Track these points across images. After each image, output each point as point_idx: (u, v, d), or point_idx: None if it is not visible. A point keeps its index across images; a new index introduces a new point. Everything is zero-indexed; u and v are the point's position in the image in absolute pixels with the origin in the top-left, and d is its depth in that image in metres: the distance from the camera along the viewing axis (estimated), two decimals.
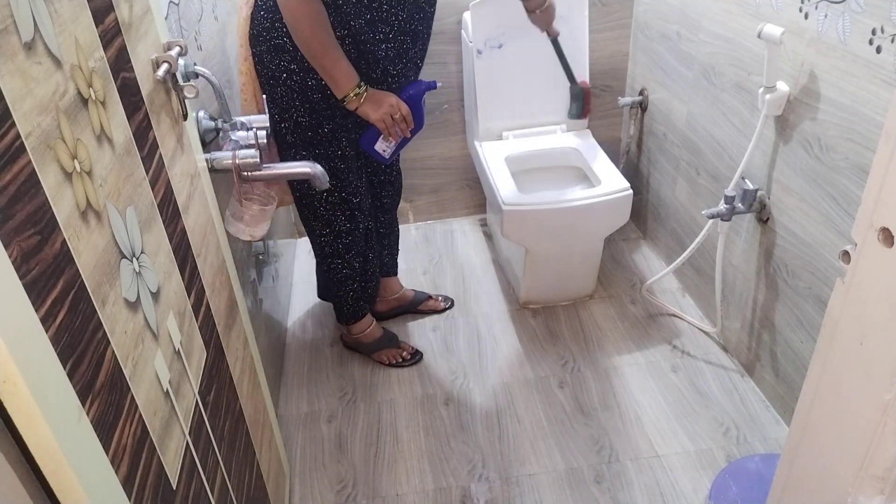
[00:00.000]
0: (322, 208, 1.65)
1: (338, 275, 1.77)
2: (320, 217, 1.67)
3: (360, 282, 1.82)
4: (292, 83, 1.47)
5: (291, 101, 1.50)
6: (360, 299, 1.84)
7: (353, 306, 1.84)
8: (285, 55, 1.45)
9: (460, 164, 2.42)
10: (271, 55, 1.46)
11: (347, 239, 1.70)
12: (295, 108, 1.50)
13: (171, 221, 0.88)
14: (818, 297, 1.44)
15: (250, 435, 1.19)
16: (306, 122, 1.52)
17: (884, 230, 0.63)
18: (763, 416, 1.67)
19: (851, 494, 0.72)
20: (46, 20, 0.60)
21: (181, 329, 0.86)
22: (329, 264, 1.75)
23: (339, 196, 1.63)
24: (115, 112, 0.74)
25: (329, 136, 1.55)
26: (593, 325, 2.00)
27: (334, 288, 1.81)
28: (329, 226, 1.68)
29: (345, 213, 1.66)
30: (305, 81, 1.47)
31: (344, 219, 1.67)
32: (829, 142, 1.35)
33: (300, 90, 1.48)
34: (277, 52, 1.45)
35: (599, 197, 1.83)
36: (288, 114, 1.51)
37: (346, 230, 1.69)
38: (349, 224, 1.68)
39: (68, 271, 0.59)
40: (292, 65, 1.45)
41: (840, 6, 1.26)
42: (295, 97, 1.49)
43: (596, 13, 2.17)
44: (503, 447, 1.64)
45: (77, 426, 0.57)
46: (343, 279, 1.78)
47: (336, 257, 1.73)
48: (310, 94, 1.49)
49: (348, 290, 1.81)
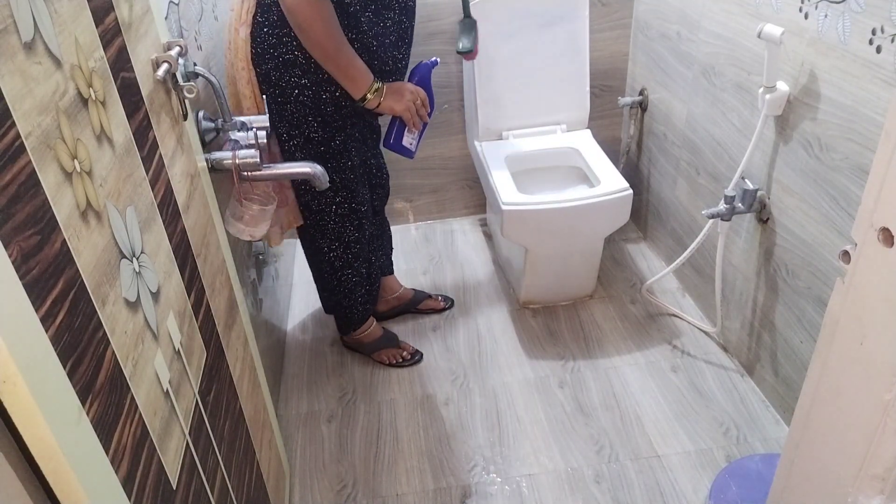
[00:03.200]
0: (332, 223, 1.65)
1: (348, 285, 1.76)
2: (329, 233, 1.66)
3: (366, 286, 1.82)
4: (305, 98, 1.45)
5: (304, 118, 1.48)
6: (367, 303, 1.85)
7: (361, 312, 1.84)
8: (296, 70, 1.42)
9: (460, 164, 2.42)
10: (280, 72, 1.42)
11: (356, 248, 1.71)
12: (307, 123, 1.49)
13: (171, 221, 0.88)
14: (818, 297, 1.44)
15: (250, 435, 1.19)
16: (318, 137, 1.51)
17: (884, 230, 0.63)
18: (763, 416, 1.67)
19: (851, 494, 0.72)
20: (46, 20, 0.60)
21: (181, 329, 0.86)
22: (339, 277, 1.75)
23: (348, 207, 1.63)
24: (115, 112, 0.74)
25: (340, 147, 1.54)
26: (593, 325, 2.00)
27: (344, 298, 1.80)
28: (339, 239, 1.68)
29: (353, 223, 1.66)
30: (319, 95, 1.45)
31: (353, 229, 1.67)
32: (829, 142, 1.35)
33: (313, 105, 1.46)
34: (287, 68, 1.42)
35: (599, 197, 1.83)
36: (298, 130, 1.49)
37: (354, 239, 1.69)
38: (357, 233, 1.69)
39: (68, 271, 0.59)
40: (304, 79, 1.43)
41: (840, 6, 1.26)
42: (307, 112, 1.47)
43: (596, 13, 2.17)
44: (503, 447, 1.64)
45: (77, 426, 0.57)
46: (353, 287, 1.78)
47: (346, 268, 1.73)
48: (323, 107, 1.47)
49: (357, 298, 1.80)
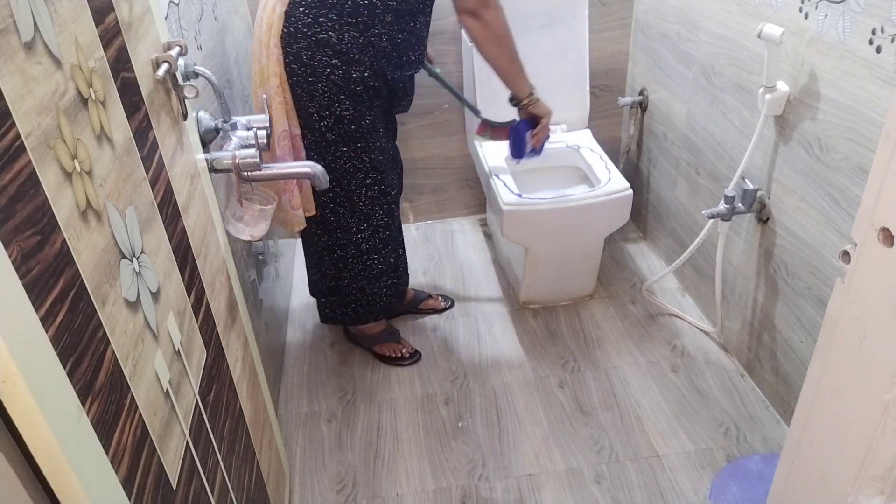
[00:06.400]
0: (361, 203, 1.64)
1: (373, 271, 1.74)
2: (358, 213, 1.65)
3: (394, 277, 1.79)
4: (336, 77, 1.48)
5: (335, 96, 1.50)
6: (392, 296, 1.82)
7: (385, 302, 1.82)
8: (328, 50, 1.45)
9: (460, 164, 2.42)
10: (312, 51, 1.45)
11: (385, 234, 1.69)
12: (339, 101, 1.50)
13: (171, 221, 0.88)
14: (818, 297, 1.44)
15: (250, 435, 1.19)
16: (350, 115, 1.52)
17: (884, 230, 0.63)
18: (763, 416, 1.67)
19: (851, 494, 0.72)
20: (46, 20, 0.60)
21: (181, 329, 0.86)
22: (365, 261, 1.73)
23: (378, 189, 1.63)
24: (115, 112, 0.74)
25: (370, 126, 1.56)
26: (593, 325, 2.00)
27: (368, 284, 1.77)
28: (367, 220, 1.67)
29: (382, 206, 1.66)
30: (349, 74, 1.48)
31: (382, 213, 1.67)
32: (829, 142, 1.34)
33: (344, 83, 1.49)
34: (320, 48, 1.45)
35: (599, 197, 1.83)
36: (329, 110, 1.51)
37: (384, 224, 1.68)
38: (387, 218, 1.68)
39: (68, 271, 0.59)
40: (335, 59, 1.46)
41: (840, 6, 1.26)
42: (338, 91, 1.49)
43: (596, 13, 2.17)
44: (503, 447, 1.64)
45: (77, 426, 0.57)
46: (378, 275, 1.75)
47: (373, 252, 1.71)
48: (353, 86, 1.50)
49: (382, 287, 1.78)
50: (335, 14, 1.44)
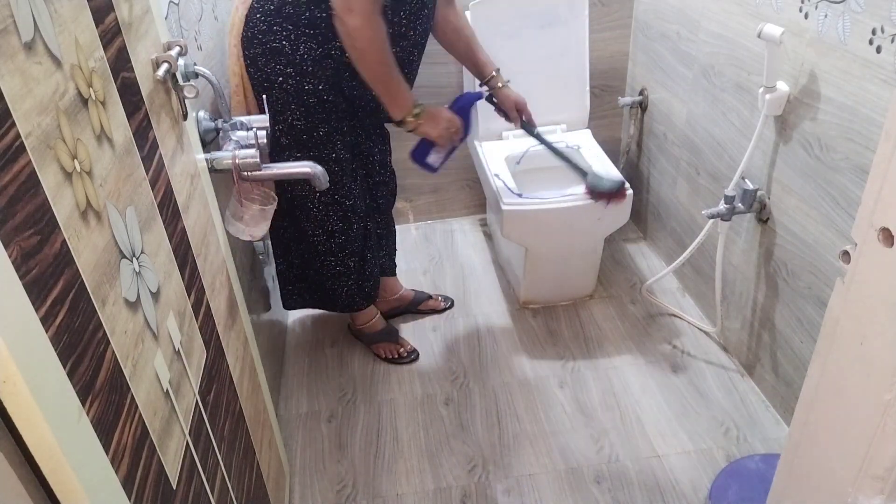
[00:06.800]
0: (315, 209, 1.65)
1: (331, 271, 1.76)
2: (313, 218, 1.66)
3: (357, 280, 1.81)
4: (288, 87, 1.47)
5: (287, 105, 1.49)
6: (354, 296, 1.83)
7: (346, 301, 1.83)
8: (281, 58, 1.44)
9: (460, 164, 2.42)
10: (266, 58, 1.45)
11: (341, 238, 1.70)
12: (290, 111, 1.50)
13: (171, 221, 0.88)
14: (818, 297, 1.44)
15: (250, 435, 1.19)
16: (301, 125, 1.52)
17: (884, 230, 0.63)
18: (763, 416, 1.67)
19: (851, 494, 0.72)
20: (46, 20, 0.60)
21: (181, 329, 0.86)
22: (322, 261, 1.74)
23: (331, 197, 1.63)
24: (115, 112, 0.74)
25: (324, 138, 1.55)
26: (593, 325, 2.00)
27: (327, 281, 1.79)
28: (322, 226, 1.67)
29: (337, 213, 1.66)
30: (301, 85, 1.47)
31: (336, 219, 1.67)
32: (829, 142, 1.34)
33: (295, 93, 1.48)
34: (273, 56, 1.44)
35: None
36: (282, 116, 1.51)
37: (339, 230, 1.68)
38: (342, 224, 1.68)
39: (68, 271, 0.59)
40: (288, 68, 1.45)
41: (840, 6, 1.26)
42: (290, 100, 1.49)
43: (596, 13, 2.17)
44: (503, 447, 1.64)
45: (77, 426, 0.57)
46: (337, 275, 1.77)
47: (329, 255, 1.73)
48: (305, 97, 1.49)
49: (342, 286, 1.79)
50: (291, 24, 1.43)
